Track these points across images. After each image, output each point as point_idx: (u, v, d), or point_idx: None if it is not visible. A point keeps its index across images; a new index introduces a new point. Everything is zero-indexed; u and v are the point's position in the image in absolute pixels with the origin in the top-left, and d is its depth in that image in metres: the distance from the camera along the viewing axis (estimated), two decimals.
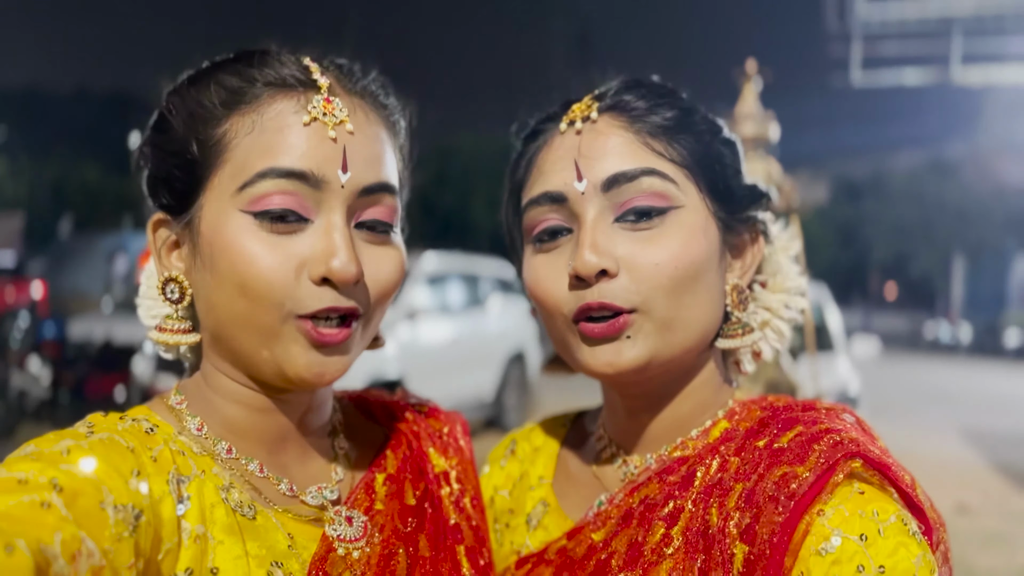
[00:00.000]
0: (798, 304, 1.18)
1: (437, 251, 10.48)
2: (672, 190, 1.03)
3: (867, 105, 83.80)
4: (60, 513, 0.73)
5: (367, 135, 0.99)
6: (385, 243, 1.00)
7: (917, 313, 47.46)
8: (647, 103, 1.07)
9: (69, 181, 38.08)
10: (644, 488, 1.05)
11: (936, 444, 11.29)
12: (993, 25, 21.97)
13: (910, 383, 19.78)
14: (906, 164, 53.98)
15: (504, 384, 10.61)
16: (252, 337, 0.95)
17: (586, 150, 1.05)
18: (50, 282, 14.51)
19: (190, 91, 0.99)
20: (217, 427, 1.00)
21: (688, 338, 1.04)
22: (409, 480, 1.13)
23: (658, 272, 1.00)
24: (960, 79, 22.47)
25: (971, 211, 44.42)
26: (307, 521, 1.00)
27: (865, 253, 50.74)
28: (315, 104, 0.96)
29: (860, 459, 0.91)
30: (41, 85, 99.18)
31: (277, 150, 0.93)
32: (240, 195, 0.93)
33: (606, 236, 1.02)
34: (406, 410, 1.24)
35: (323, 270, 0.92)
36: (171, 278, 1.01)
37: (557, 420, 1.34)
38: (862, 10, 22.66)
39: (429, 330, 9.35)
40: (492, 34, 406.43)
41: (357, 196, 0.96)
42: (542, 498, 1.20)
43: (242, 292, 0.92)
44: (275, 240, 0.92)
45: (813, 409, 1.03)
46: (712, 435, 1.07)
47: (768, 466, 0.94)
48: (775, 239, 1.20)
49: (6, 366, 8.59)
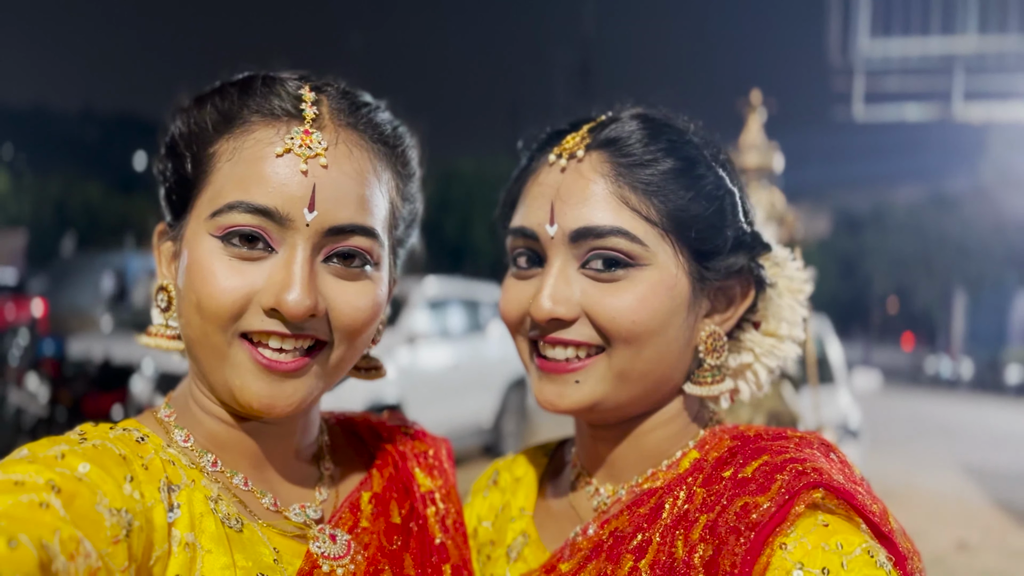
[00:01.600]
0: (786, 352, 1.16)
1: (438, 276, 10.48)
2: (639, 251, 1.02)
3: (869, 139, 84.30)
4: (58, 513, 0.74)
5: (344, 171, 0.98)
6: (357, 278, 0.99)
7: (917, 347, 47.37)
8: (641, 149, 1.06)
9: (72, 200, 38.21)
10: (614, 520, 1.05)
11: (936, 480, 11.22)
12: (995, 63, 22.14)
13: (910, 417, 19.69)
14: (907, 198, 54.12)
15: (503, 411, 10.57)
16: (208, 357, 0.96)
17: (564, 192, 1.05)
18: (51, 300, 14.53)
19: (193, 110, 1.01)
20: (202, 440, 1.02)
21: (642, 388, 1.05)
22: (395, 499, 1.14)
23: (614, 324, 1.02)
24: (961, 115, 22.60)
25: (972, 246, 44.48)
26: (292, 537, 1.00)
27: (866, 286, 50.74)
28: (293, 135, 0.96)
29: (823, 488, 0.90)
30: (47, 104, 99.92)
31: (248, 182, 0.94)
32: (211, 221, 0.95)
33: (566, 282, 1.04)
34: (392, 431, 1.25)
35: (272, 301, 0.93)
36: (162, 287, 1.05)
37: (539, 450, 1.34)
38: (865, 45, 22.86)
39: (429, 355, 9.33)
40: (495, 60, 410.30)
41: (324, 235, 0.96)
42: (523, 530, 1.20)
43: (198, 309, 0.94)
44: (237, 265, 0.94)
45: (783, 438, 1.01)
46: (682, 466, 1.06)
47: (731, 497, 0.94)
48: (788, 280, 1.17)
49: (4, 383, 8.57)
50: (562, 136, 1.10)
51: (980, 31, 22.02)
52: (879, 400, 19.51)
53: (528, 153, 1.16)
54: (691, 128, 1.11)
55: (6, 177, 37.39)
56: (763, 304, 1.15)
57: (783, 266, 1.18)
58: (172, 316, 1.05)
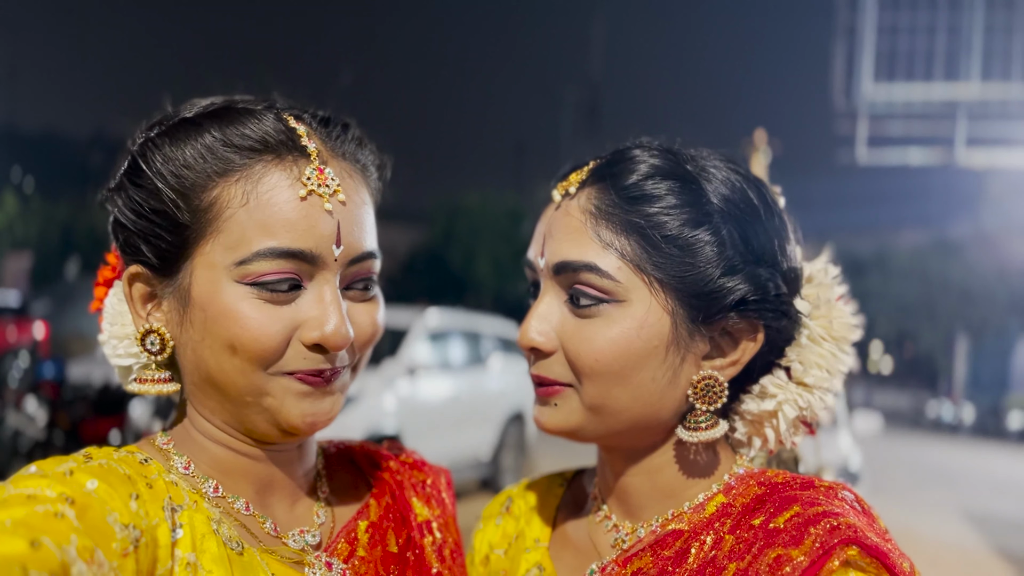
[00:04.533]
0: (814, 406, 1.08)
1: (440, 308, 10.49)
2: (610, 286, 1.01)
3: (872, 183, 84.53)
4: (72, 523, 0.75)
5: (355, 203, 1.01)
6: (367, 299, 1.04)
7: (919, 392, 47.16)
8: (628, 188, 1.03)
9: (78, 224, 38.38)
10: (637, 560, 1.03)
11: (937, 525, 11.11)
12: (997, 110, 22.36)
13: (912, 462, 19.55)
14: (910, 243, 54.22)
15: (502, 444, 10.51)
16: (242, 394, 0.96)
17: (552, 228, 1.09)
18: (53, 323, 14.52)
19: (173, 150, 0.96)
20: (204, 467, 1.02)
21: (617, 423, 1.04)
22: (392, 528, 1.14)
23: (579, 361, 1.03)
24: (964, 161, 22.78)
25: (975, 291, 44.49)
26: (289, 564, 1.00)
27: (868, 329, 50.61)
28: (309, 175, 0.96)
29: (857, 546, 0.89)
30: (56, 130, 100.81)
31: (274, 228, 0.93)
32: (237, 269, 0.93)
33: (549, 316, 1.06)
34: (389, 460, 1.25)
35: (316, 336, 0.95)
36: (152, 330, 1.00)
37: (554, 479, 1.32)
38: (868, 90, 23.09)
39: (429, 386, 9.31)
40: (502, 97, 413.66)
41: (347, 265, 0.99)
42: (538, 562, 1.18)
43: (233, 352, 0.94)
44: (271, 309, 0.95)
45: (812, 487, 0.99)
46: (708, 509, 1.04)
47: (763, 547, 0.93)
48: (831, 322, 1.10)
49: (3, 405, 8.55)
50: (570, 172, 1.12)
51: (983, 78, 22.25)
52: (880, 444, 19.38)
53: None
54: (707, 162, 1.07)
55: (14, 200, 37.62)
56: (794, 350, 1.09)
57: (827, 308, 1.11)
58: (164, 359, 1.01)
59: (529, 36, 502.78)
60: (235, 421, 1.01)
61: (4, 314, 14.54)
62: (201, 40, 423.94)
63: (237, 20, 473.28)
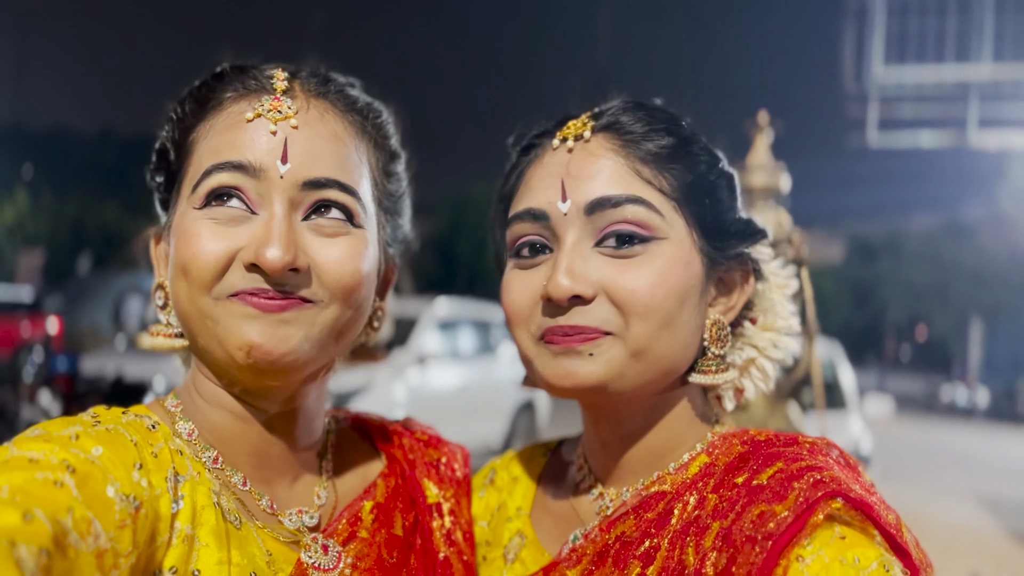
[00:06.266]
0: (787, 344, 1.16)
1: (449, 297, 10.50)
2: (656, 221, 1.01)
3: (883, 166, 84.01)
4: (71, 493, 0.75)
5: (317, 131, 1.00)
6: (340, 234, 0.99)
7: (933, 376, 46.98)
8: (643, 127, 1.05)
9: (89, 220, 38.60)
10: (620, 524, 1.03)
11: (950, 509, 11.07)
12: (1009, 90, 22.14)
13: (925, 446, 19.47)
14: (922, 226, 53.90)
15: (512, 433, 10.55)
16: (197, 324, 0.96)
17: (574, 170, 1.04)
18: (66, 318, 14.63)
19: (176, 107, 1.04)
20: (206, 434, 1.01)
21: (654, 369, 1.02)
22: (399, 509, 1.12)
23: (634, 299, 0.99)
24: (976, 143, 22.58)
25: (987, 274, 44.17)
26: (285, 542, 1.00)
27: (880, 314, 50.45)
28: (263, 102, 0.99)
29: (841, 499, 0.89)
30: (67, 127, 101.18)
31: (221, 148, 0.97)
32: (194, 195, 0.97)
33: (583, 260, 1.01)
34: (403, 436, 1.23)
35: (251, 256, 0.93)
36: (159, 285, 1.06)
37: (537, 449, 1.33)
38: (879, 72, 22.90)
39: (438, 376, 9.33)
40: (509, 87, 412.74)
41: (300, 188, 0.97)
42: (519, 530, 1.18)
43: (184, 275, 0.95)
44: (218, 229, 0.95)
45: (795, 444, 1.00)
46: (691, 470, 1.04)
47: (746, 504, 0.92)
48: (772, 276, 1.18)
49: (17, 398, 8.62)
50: (561, 124, 1.10)
51: (995, 58, 22.02)
52: (893, 428, 19.32)
53: (520, 148, 1.15)
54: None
55: (26, 197, 37.82)
56: (757, 298, 1.15)
57: (767, 262, 1.18)
58: (170, 313, 1.05)
59: (535, 25, 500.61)
60: (211, 368, 1.01)
61: (18, 309, 14.66)
62: (212, 38, 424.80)
63: (249, 18, 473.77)
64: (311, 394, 1.07)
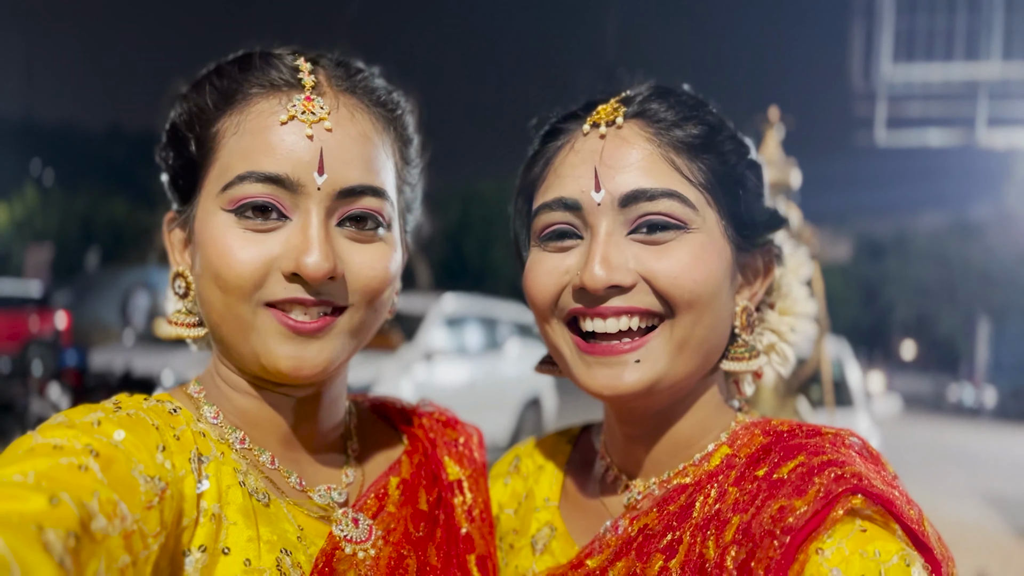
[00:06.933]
0: (805, 328, 1.17)
1: (456, 293, 10.51)
2: (690, 215, 1.01)
3: (891, 165, 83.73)
4: (96, 476, 0.76)
5: (349, 133, 0.99)
6: (371, 240, 1.01)
7: (940, 375, 46.81)
8: (675, 115, 1.05)
9: (98, 215, 38.69)
10: (644, 517, 1.04)
11: (957, 508, 11.05)
12: (1019, 89, 22.00)
13: (932, 445, 19.42)
14: (930, 225, 53.70)
15: (519, 429, 10.55)
16: (233, 330, 0.97)
17: (608, 158, 1.02)
18: (74, 313, 14.69)
19: (192, 94, 1.02)
20: (232, 416, 1.03)
21: (696, 358, 1.03)
22: (423, 486, 1.15)
23: (676, 284, 0.99)
24: (985, 142, 22.44)
25: (995, 274, 43.97)
26: (316, 517, 1.01)
27: (887, 312, 50.29)
28: (295, 103, 0.97)
29: (862, 494, 0.88)
30: (76, 122, 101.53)
31: (255, 152, 0.96)
32: (222, 195, 0.96)
33: (618, 249, 1.00)
34: (423, 417, 1.26)
35: (292, 266, 0.94)
36: (179, 273, 1.05)
37: (561, 436, 1.33)
38: (887, 70, 22.79)
39: (445, 372, 9.34)
40: (516, 83, 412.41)
41: (335, 198, 0.97)
42: (548, 521, 1.19)
43: (217, 283, 0.95)
44: (251, 236, 0.95)
45: (818, 435, 0.99)
46: (712, 461, 1.05)
47: (766, 499, 0.92)
48: (786, 260, 1.19)
49: (27, 392, 8.67)
50: (591, 108, 1.08)
51: (1004, 58, 21.89)
52: (901, 427, 19.26)
53: (544, 132, 1.13)
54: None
55: (34, 193, 37.96)
56: (775, 284, 1.16)
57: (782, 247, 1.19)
58: (190, 302, 1.06)
59: (544, 21, 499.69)
60: (237, 364, 1.02)
61: (26, 304, 14.71)
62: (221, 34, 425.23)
63: (258, 13, 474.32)
64: (335, 379, 1.09)
